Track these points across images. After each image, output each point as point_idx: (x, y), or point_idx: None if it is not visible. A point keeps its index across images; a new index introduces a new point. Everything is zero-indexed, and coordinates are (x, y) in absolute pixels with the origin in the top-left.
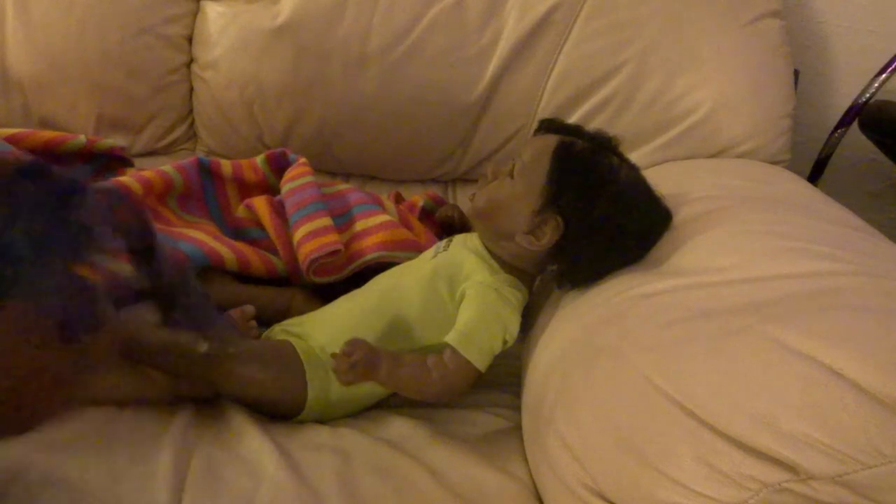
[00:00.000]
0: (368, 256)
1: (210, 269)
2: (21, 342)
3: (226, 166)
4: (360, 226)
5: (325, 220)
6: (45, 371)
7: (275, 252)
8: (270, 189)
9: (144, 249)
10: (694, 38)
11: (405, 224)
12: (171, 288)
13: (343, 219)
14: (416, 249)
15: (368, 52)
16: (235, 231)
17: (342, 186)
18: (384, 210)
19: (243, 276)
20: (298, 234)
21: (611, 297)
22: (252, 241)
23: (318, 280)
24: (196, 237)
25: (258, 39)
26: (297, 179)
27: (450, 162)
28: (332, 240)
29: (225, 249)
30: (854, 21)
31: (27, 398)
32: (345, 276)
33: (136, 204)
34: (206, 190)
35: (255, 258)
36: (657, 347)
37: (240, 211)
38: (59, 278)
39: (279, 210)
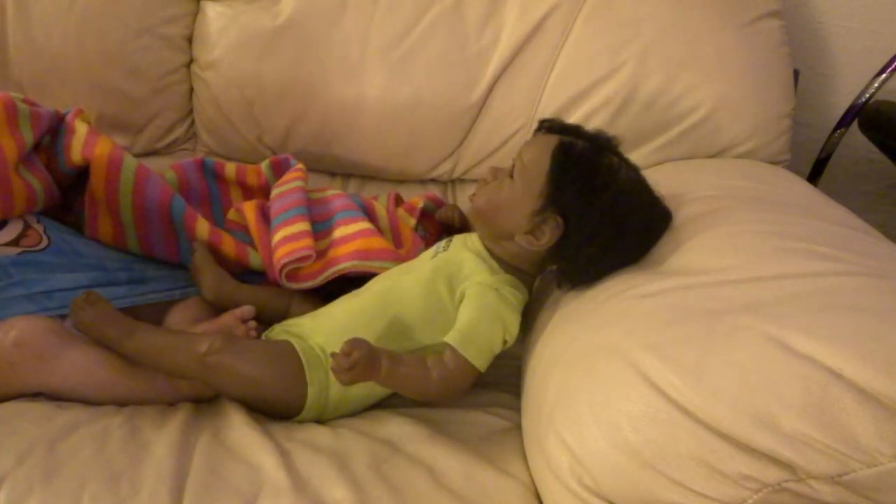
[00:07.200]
0: (342, 265)
1: (210, 269)
2: None
3: (229, 169)
4: (338, 233)
5: (302, 225)
6: None
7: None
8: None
9: None
10: (694, 38)
11: (394, 231)
12: None
13: (324, 225)
14: (393, 259)
15: (368, 52)
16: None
17: (331, 192)
18: (365, 217)
19: (243, 277)
20: (275, 239)
21: (611, 297)
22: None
23: (292, 286)
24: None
25: (258, 39)
26: (287, 184)
27: (450, 162)
28: (303, 244)
29: (202, 219)
30: (854, 21)
31: None
32: (319, 284)
33: None
34: (211, 192)
35: (228, 239)
36: (657, 347)
37: (230, 214)
38: None
39: (267, 214)
